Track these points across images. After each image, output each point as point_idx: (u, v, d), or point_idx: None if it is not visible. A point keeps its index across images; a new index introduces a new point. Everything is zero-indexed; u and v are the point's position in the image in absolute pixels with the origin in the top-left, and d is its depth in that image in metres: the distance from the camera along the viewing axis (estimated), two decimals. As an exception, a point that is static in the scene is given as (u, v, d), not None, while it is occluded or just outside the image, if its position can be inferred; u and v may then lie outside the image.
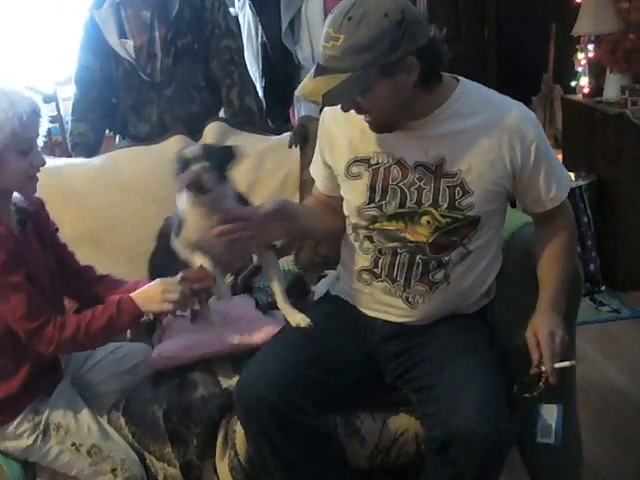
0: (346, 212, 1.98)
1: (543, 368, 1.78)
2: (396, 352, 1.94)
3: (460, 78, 1.86)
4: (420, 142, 1.81)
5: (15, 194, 1.87)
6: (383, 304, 1.94)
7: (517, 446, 1.96)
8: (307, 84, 1.70)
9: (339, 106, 1.76)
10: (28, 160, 1.79)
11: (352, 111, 1.76)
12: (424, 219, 1.84)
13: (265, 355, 1.91)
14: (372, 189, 1.87)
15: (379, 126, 1.81)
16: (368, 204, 1.88)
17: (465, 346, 1.87)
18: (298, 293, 2.43)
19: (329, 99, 1.67)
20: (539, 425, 1.84)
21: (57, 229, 2.04)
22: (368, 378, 1.99)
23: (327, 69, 1.66)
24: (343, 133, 1.91)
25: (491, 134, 1.79)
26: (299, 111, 4.11)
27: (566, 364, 1.79)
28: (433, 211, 1.82)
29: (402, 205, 1.85)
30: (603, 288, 3.91)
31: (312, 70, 1.71)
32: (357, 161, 1.89)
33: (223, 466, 1.99)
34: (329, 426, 1.93)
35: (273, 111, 3.97)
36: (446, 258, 1.86)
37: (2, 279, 1.75)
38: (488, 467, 1.74)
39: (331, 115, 1.94)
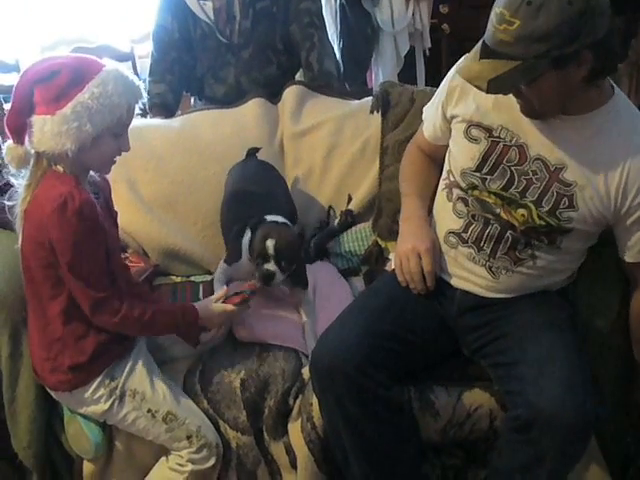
0: (447, 166, 1.93)
1: None
2: (475, 324, 1.91)
3: (617, 89, 1.76)
4: (552, 138, 1.75)
5: None
6: (466, 270, 1.91)
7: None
8: (472, 66, 1.63)
9: None
10: (118, 143, 1.81)
11: None
12: (520, 211, 1.79)
13: (341, 324, 1.90)
14: (484, 159, 1.82)
15: (531, 112, 1.74)
16: (474, 171, 1.83)
17: (548, 323, 1.82)
18: (375, 261, 2.40)
19: (495, 87, 1.60)
20: None
21: (117, 213, 2.02)
22: (445, 351, 1.97)
23: (495, 53, 1.58)
24: (475, 95, 1.83)
25: (620, 164, 1.71)
26: (377, 75, 4.05)
27: None
28: (532, 208, 1.77)
29: (505, 189, 1.80)
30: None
31: (476, 50, 1.63)
32: (480, 126, 1.83)
33: (298, 438, 1.97)
34: (403, 398, 1.91)
35: (350, 74, 3.91)
36: (536, 242, 1.81)
37: (85, 247, 1.74)
38: (571, 449, 1.71)
39: None
